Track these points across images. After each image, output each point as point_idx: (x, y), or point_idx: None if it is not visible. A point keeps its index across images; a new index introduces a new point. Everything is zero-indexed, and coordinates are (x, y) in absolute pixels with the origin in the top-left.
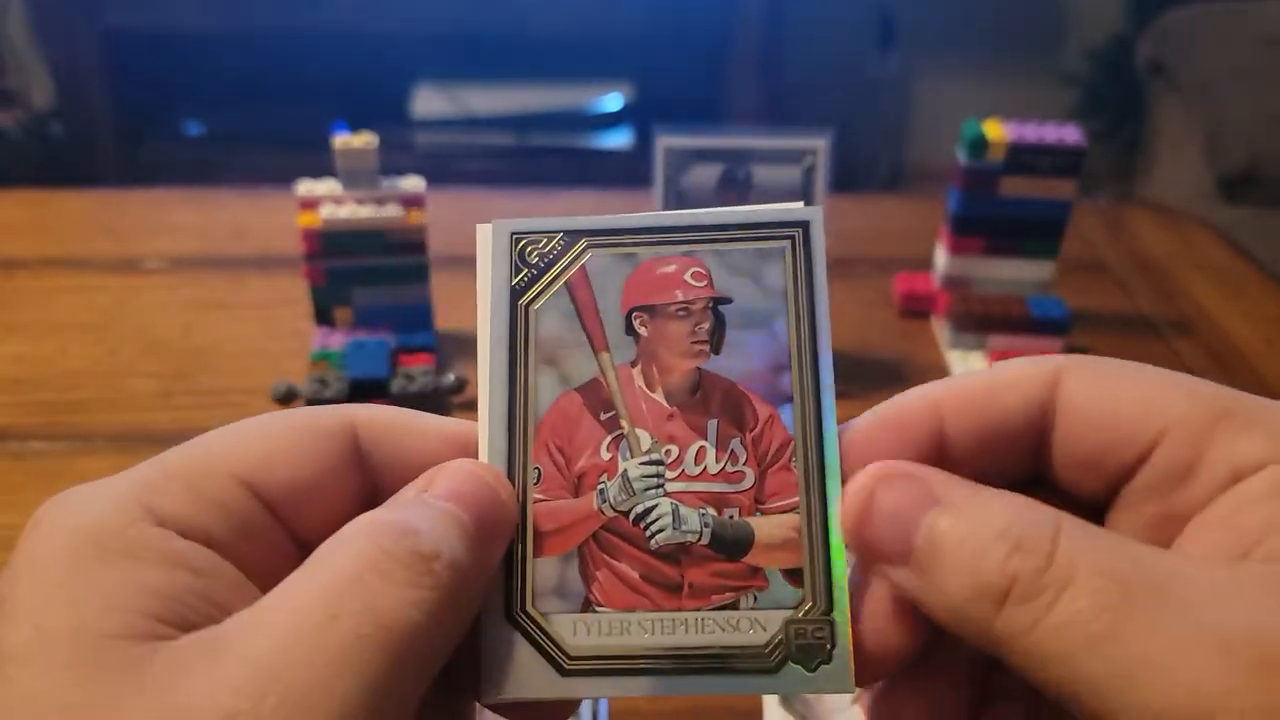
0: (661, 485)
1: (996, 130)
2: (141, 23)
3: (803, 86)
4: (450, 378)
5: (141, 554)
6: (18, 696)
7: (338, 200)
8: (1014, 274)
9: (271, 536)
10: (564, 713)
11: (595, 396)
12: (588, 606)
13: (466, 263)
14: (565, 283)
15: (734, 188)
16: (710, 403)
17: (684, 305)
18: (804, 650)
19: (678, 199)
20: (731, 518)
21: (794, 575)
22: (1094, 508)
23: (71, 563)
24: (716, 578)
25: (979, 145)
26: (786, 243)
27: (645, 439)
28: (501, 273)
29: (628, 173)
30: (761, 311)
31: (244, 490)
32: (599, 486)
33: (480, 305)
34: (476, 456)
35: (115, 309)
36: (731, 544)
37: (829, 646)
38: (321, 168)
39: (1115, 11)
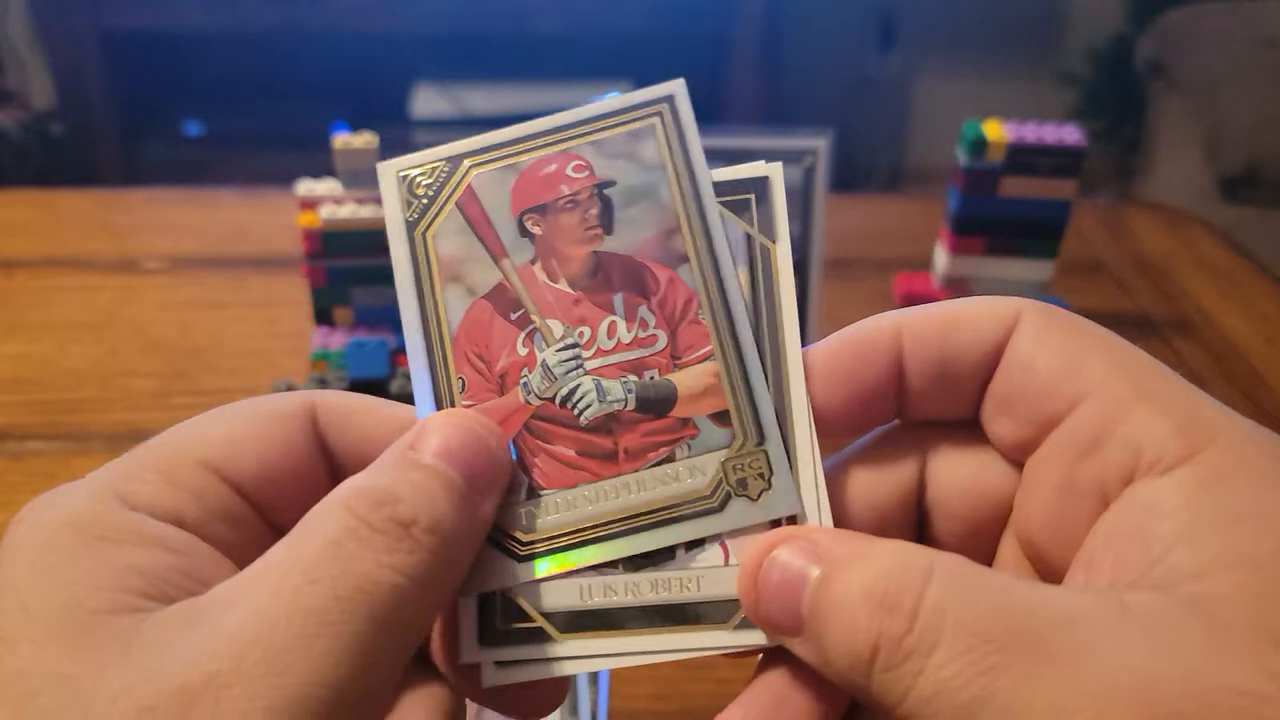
0: (580, 365)
1: (996, 130)
2: (142, 23)
3: (803, 87)
4: None
5: (120, 537)
6: (9, 674)
7: (338, 200)
8: (1014, 274)
9: (244, 519)
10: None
11: (503, 299)
12: (532, 493)
13: None
14: (455, 203)
15: None
16: (612, 279)
17: (570, 198)
18: (744, 483)
19: None
20: (652, 378)
21: (721, 418)
22: (1014, 461)
23: (53, 549)
24: (649, 437)
25: (979, 145)
26: (655, 118)
27: (557, 327)
28: (396, 210)
29: None
30: (644, 184)
31: (213, 476)
32: (521, 380)
33: (390, 247)
34: None
35: (115, 309)
36: (656, 402)
37: (768, 475)
38: (321, 168)
39: (1115, 11)
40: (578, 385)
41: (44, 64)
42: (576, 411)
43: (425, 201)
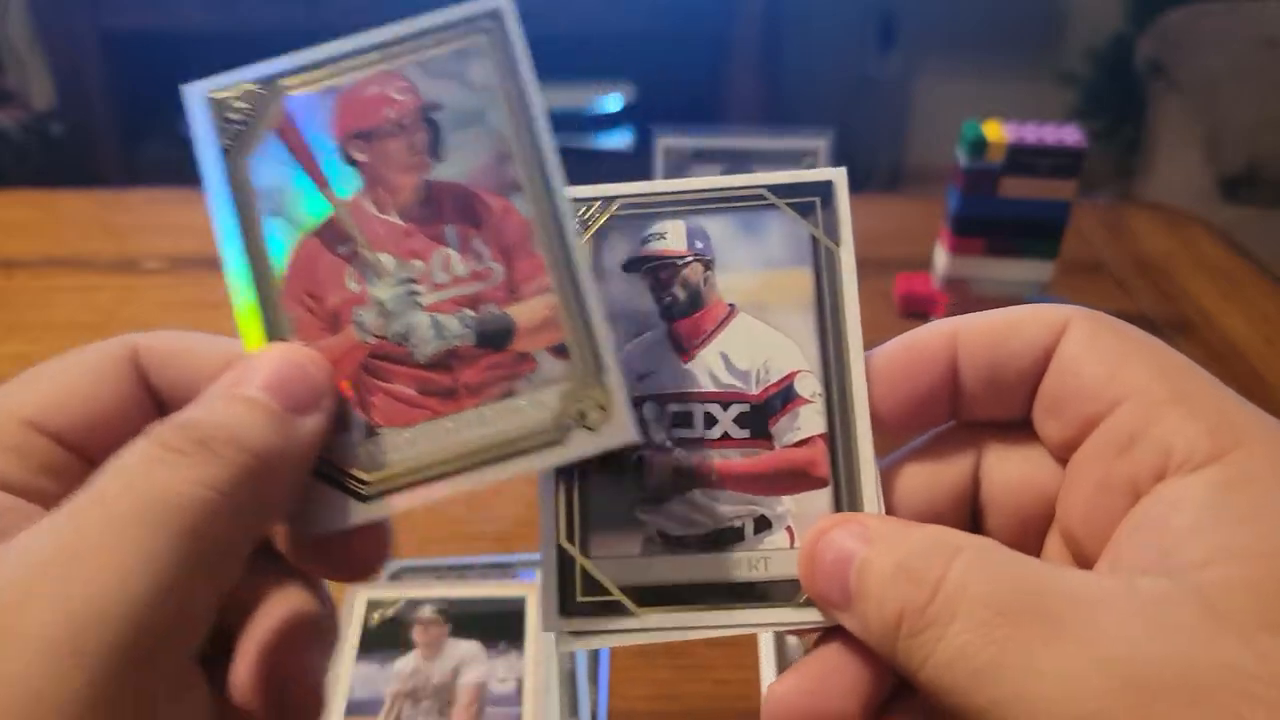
0: (416, 301)
1: (996, 131)
2: (142, 23)
3: (803, 87)
4: None
5: None
6: None
7: None
8: (1014, 274)
9: (70, 470)
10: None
11: (330, 232)
12: (371, 432)
13: None
14: (273, 130)
15: None
16: (444, 210)
17: (396, 122)
18: (583, 415)
19: None
20: (490, 312)
21: (560, 350)
22: (1061, 459)
23: None
24: (489, 371)
25: (979, 146)
26: (484, 36)
27: (389, 261)
28: (209, 138)
29: (628, 173)
30: (473, 109)
31: (34, 432)
32: (355, 318)
33: (204, 178)
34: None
35: (115, 308)
36: (495, 336)
37: (606, 405)
38: None
39: (1115, 12)
40: (414, 322)
41: (44, 64)
42: (413, 349)
43: (240, 128)
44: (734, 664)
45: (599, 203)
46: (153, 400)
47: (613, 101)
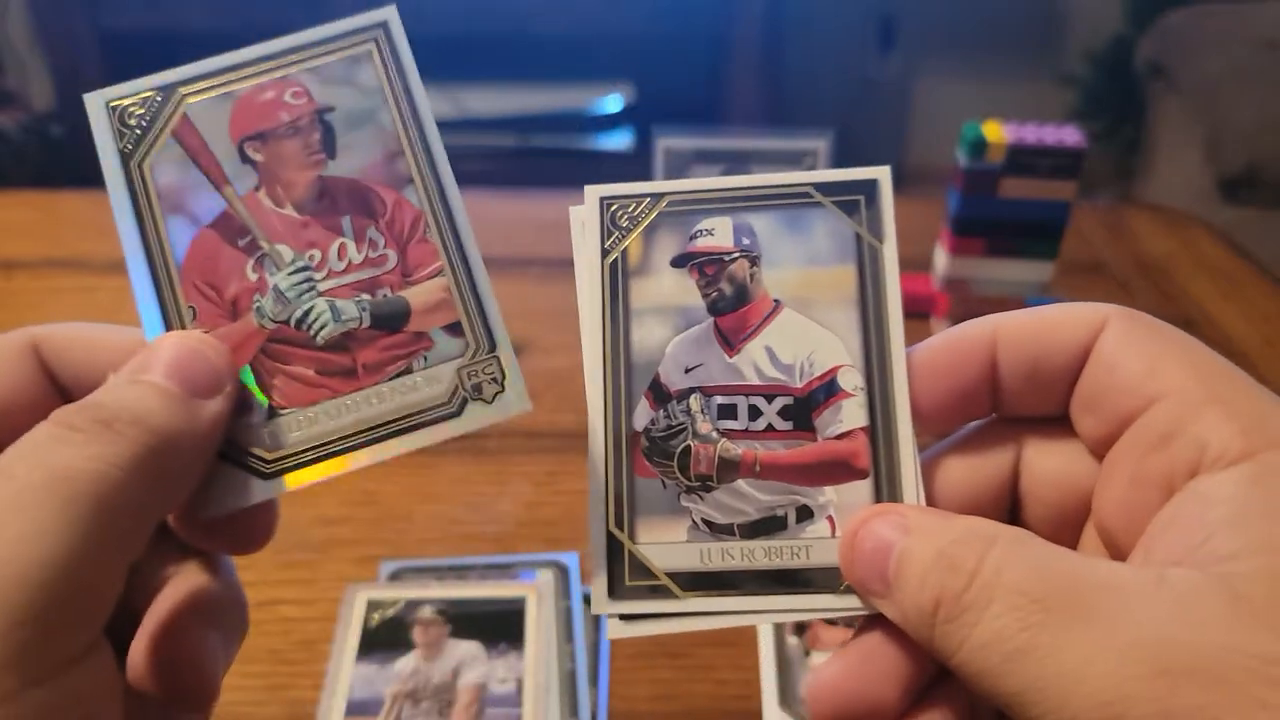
0: (313, 287)
1: (996, 131)
2: (141, 24)
3: (803, 88)
4: None
5: None
6: None
7: None
8: (1014, 275)
9: None
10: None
11: (229, 227)
12: (273, 413)
13: None
14: (172, 133)
15: None
16: (339, 202)
17: (291, 124)
18: (478, 388)
19: None
20: (385, 296)
21: (454, 329)
22: (1098, 454)
23: None
24: (386, 351)
25: (979, 146)
26: (371, 44)
27: (287, 251)
28: (108, 141)
29: (628, 174)
30: (364, 110)
31: None
32: (254, 305)
33: (106, 180)
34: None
35: (115, 309)
36: (390, 318)
37: (500, 378)
38: None
39: (1115, 13)
40: (311, 306)
41: (44, 65)
42: (312, 332)
43: (139, 132)
44: (734, 664)
45: (648, 199)
46: (56, 390)
47: (613, 102)
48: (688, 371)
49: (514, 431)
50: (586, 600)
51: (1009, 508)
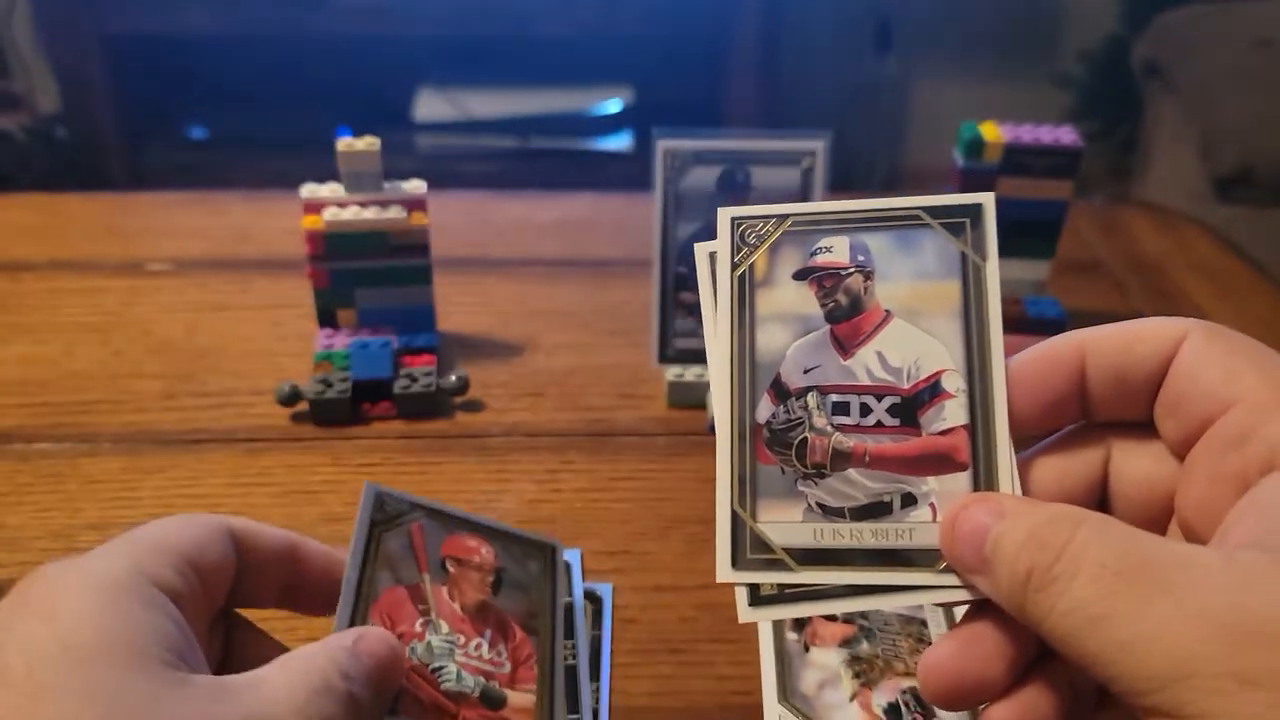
0: (452, 653)
1: (993, 131)
2: (146, 27)
3: (800, 89)
4: (452, 378)
5: (153, 604)
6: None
7: (341, 203)
8: (1011, 274)
9: (200, 601)
10: None
11: (417, 594)
12: (394, 712)
13: (468, 264)
14: (407, 530)
15: (733, 189)
16: (489, 620)
17: (478, 565)
18: None
19: (677, 201)
20: (495, 685)
21: None
22: (1180, 456)
23: (97, 599)
24: (482, 717)
25: (976, 146)
26: (541, 559)
27: (444, 626)
28: (364, 519)
29: (628, 175)
30: (525, 583)
31: (189, 566)
32: (410, 645)
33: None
34: (299, 556)
35: (121, 311)
36: (491, 700)
37: None
38: (325, 171)
39: (1111, 13)
40: (445, 666)
41: (49, 69)
42: (440, 680)
43: (388, 521)
44: (734, 660)
45: (774, 220)
46: (238, 563)
47: (612, 104)
48: (806, 372)
49: (516, 430)
50: (587, 596)
51: (1098, 506)
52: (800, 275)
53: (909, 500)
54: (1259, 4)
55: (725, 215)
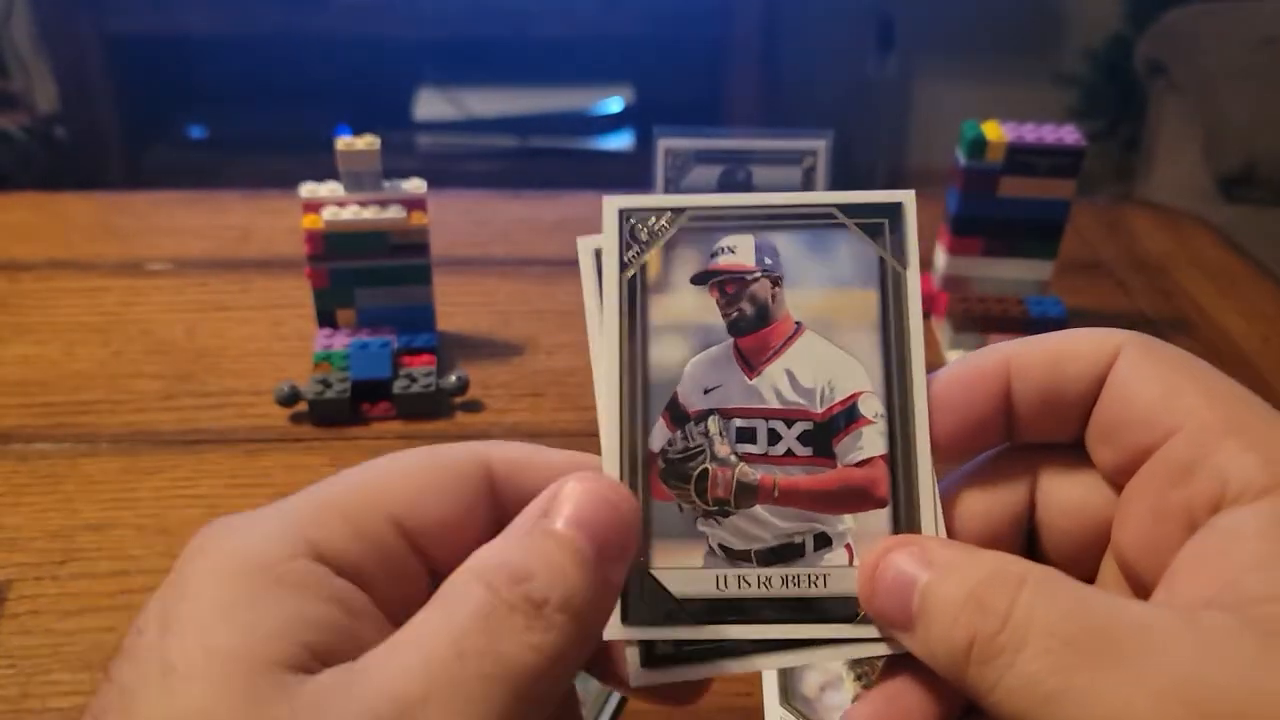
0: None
1: (995, 131)
2: (145, 27)
3: (802, 88)
4: (452, 378)
5: (305, 588)
6: (179, 711)
7: (341, 203)
8: (1013, 274)
9: (411, 570)
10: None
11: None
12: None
13: (468, 264)
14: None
15: (734, 189)
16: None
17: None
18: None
19: None
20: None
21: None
22: (1115, 485)
23: (240, 588)
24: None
25: (978, 146)
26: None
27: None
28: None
29: (628, 174)
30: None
31: (394, 528)
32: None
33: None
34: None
35: (120, 311)
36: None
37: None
38: (324, 170)
39: (1114, 12)
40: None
41: (48, 68)
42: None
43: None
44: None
45: (669, 213)
46: (495, 512)
47: (613, 104)
48: (706, 392)
49: (516, 430)
50: None
51: (1026, 537)
52: (699, 279)
53: (823, 541)
54: (1263, 2)
55: (612, 205)
